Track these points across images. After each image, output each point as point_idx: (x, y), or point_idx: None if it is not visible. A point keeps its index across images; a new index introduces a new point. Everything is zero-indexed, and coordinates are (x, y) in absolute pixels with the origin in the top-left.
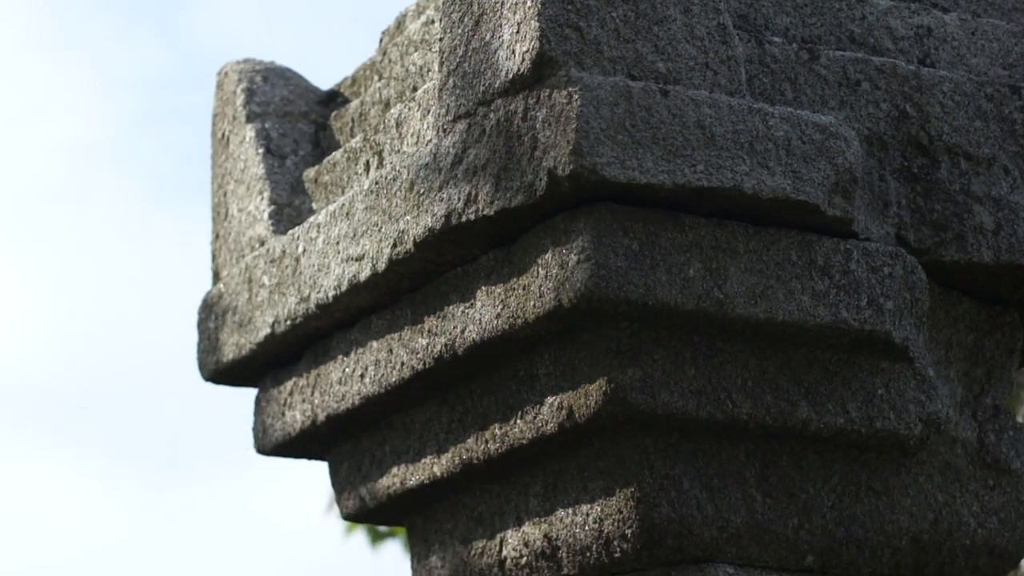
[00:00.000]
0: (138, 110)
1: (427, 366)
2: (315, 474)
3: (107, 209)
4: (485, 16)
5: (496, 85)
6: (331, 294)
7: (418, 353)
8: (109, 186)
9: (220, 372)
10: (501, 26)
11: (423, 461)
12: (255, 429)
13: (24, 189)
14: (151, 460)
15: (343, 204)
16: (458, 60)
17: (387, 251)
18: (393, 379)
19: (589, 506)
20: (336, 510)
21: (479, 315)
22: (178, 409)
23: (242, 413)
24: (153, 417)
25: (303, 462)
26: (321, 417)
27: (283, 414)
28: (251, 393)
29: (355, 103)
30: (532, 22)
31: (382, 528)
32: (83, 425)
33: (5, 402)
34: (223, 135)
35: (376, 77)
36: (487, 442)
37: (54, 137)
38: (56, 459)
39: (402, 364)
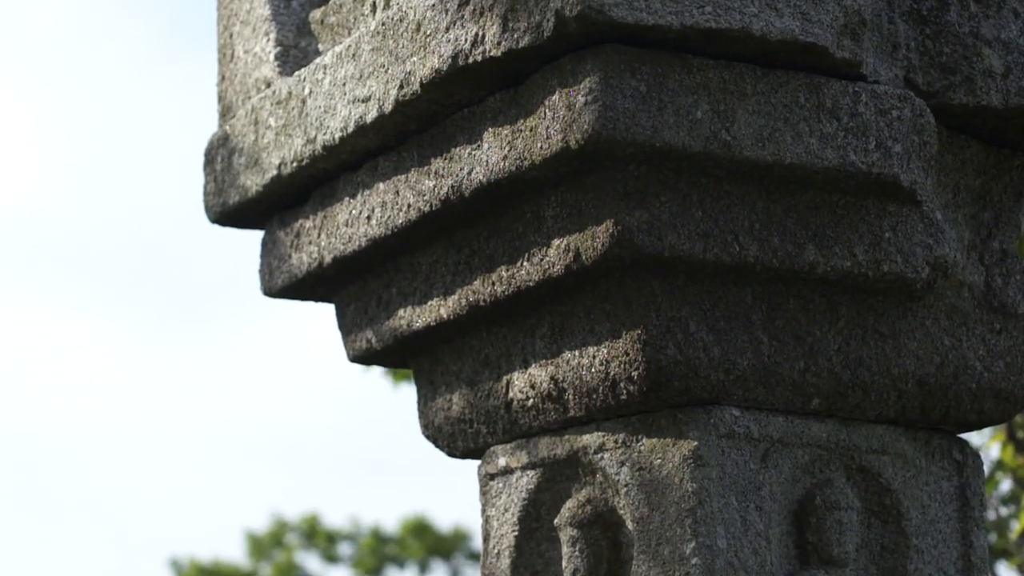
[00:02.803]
0: None
1: (433, 208)
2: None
3: (115, 53)
4: None
5: None
6: (337, 136)
7: (424, 195)
8: (116, 30)
9: (226, 214)
10: None
11: (429, 303)
12: (261, 271)
13: (33, 38)
14: (167, 301)
15: (349, 45)
16: None
17: (393, 92)
18: (400, 221)
19: (595, 348)
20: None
21: (486, 157)
22: (204, 253)
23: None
24: (170, 261)
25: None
26: (328, 259)
27: (289, 256)
28: (259, 235)
29: None
30: None
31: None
32: (93, 265)
33: (14, 245)
34: None
35: None
36: (493, 284)
37: None
38: (63, 296)
39: (408, 206)
